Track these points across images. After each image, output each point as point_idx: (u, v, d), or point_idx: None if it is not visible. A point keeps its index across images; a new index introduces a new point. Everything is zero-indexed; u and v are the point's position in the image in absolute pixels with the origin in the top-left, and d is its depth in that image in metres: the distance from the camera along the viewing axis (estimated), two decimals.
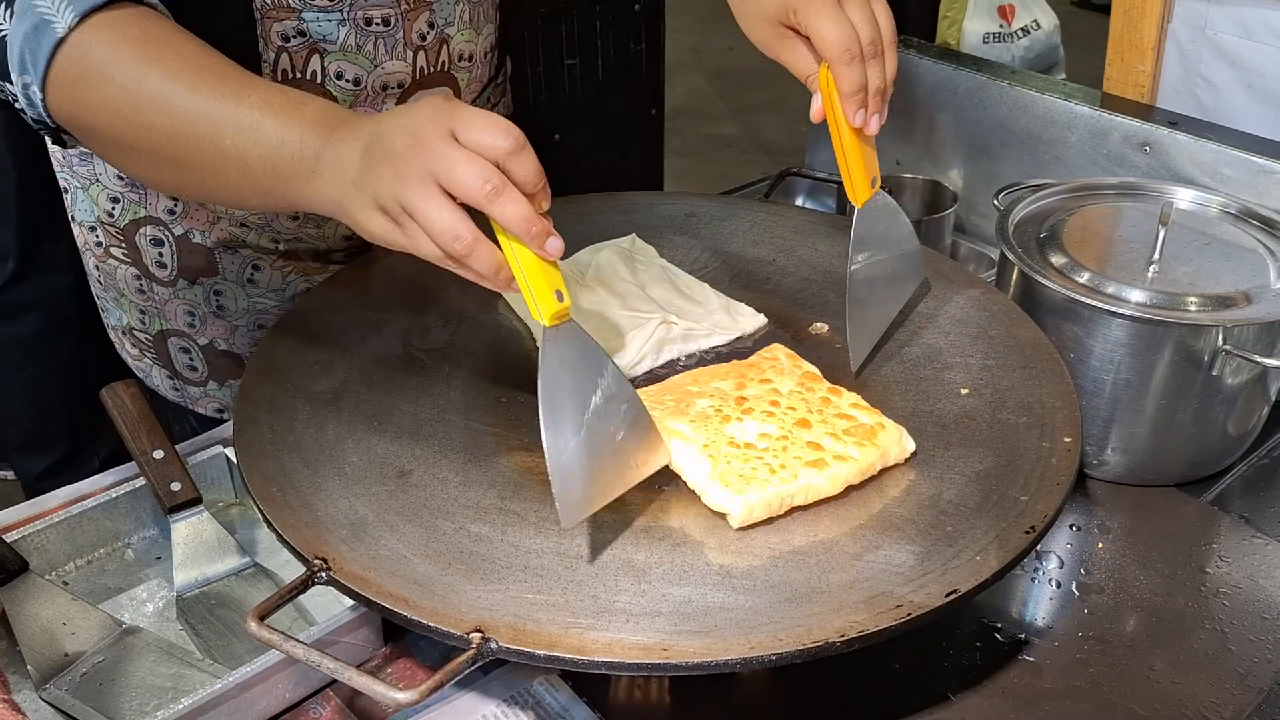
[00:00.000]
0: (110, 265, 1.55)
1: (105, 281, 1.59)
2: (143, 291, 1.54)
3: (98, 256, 1.56)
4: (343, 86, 1.36)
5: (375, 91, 1.38)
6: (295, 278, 1.52)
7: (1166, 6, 1.70)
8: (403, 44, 1.37)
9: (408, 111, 0.96)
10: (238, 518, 1.33)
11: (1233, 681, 1.11)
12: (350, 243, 1.52)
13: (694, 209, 1.59)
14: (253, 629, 0.93)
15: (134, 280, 1.54)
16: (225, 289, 1.52)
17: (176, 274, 1.51)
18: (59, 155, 1.53)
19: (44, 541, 1.23)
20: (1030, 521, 1.06)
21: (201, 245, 1.48)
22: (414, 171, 0.93)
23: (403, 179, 0.93)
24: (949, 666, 1.13)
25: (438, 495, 1.11)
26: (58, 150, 1.52)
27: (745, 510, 1.06)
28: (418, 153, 0.93)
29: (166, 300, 1.54)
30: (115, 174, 1.45)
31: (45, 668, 1.12)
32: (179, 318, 1.55)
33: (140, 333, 1.60)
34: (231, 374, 1.57)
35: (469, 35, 1.44)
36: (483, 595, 0.98)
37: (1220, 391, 1.29)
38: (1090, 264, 1.33)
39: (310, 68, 1.34)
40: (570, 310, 1.02)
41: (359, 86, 1.37)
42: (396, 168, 0.93)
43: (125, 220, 1.49)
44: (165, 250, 1.49)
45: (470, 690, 1.09)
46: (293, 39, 1.32)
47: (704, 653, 0.93)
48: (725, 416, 1.16)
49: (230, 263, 1.49)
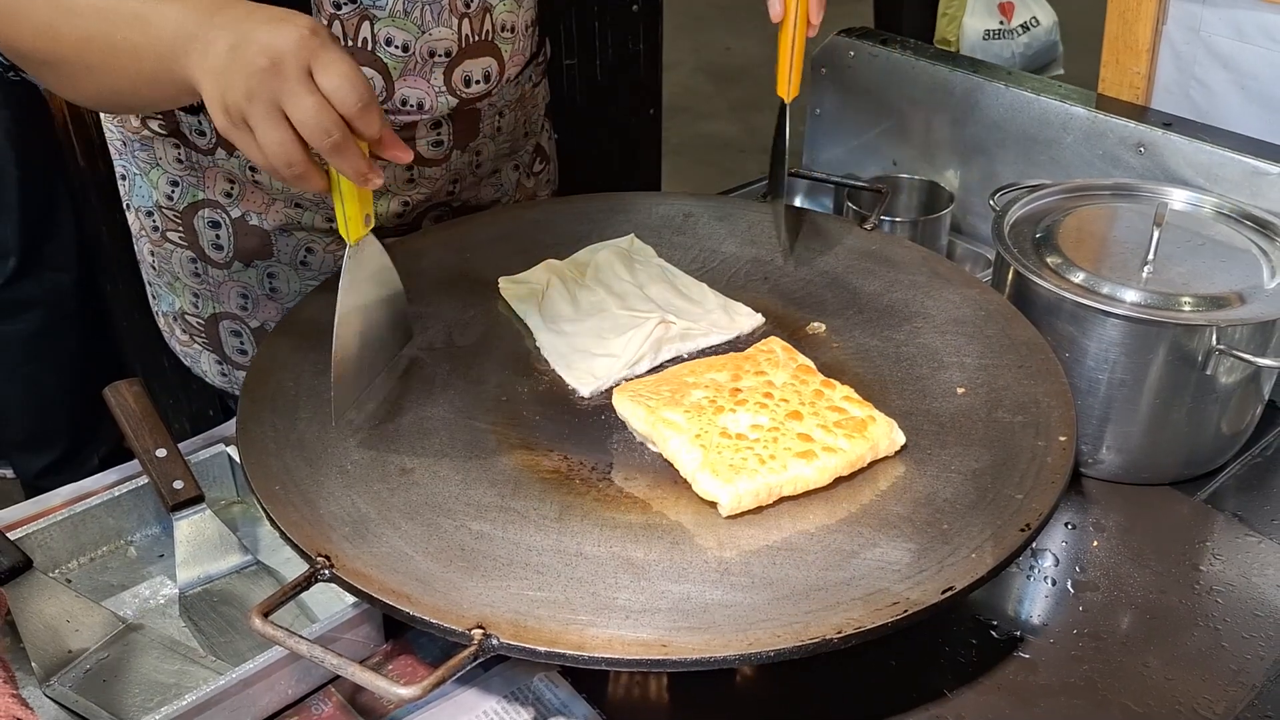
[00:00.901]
0: (166, 249, 1.59)
1: (159, 266, 1.62)
2: (197, 275, 1.58)
3: (153, 241, 1.60)
4: (392, 53, 1.39)
5: (423, 58, 1.41)
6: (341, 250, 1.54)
7: (1161, 9, 1.71)
8: (448, 11, 1.40)
9: (276, 26, 0.98)
10: (240, 516, 1.34)
11: (1226, 678, 1.12)
12: (400, 220, 1.56)
13: (692, 209, 1.60)
14: (256, 625, 0.94)
15: (189, 264, 1.58)
16: (279, 271, 1.56)
17: (232, 256, 1.55)
18: (118, 144, 1.57)
19: (47, 539, 1.24)
20: (1025, 519, 1.07)
21: (258, 228, 1.52)
22: (263, 95, 0.97)
23: (251, 97, 0.97)
24: (945, 663, 1.14)
25: (439, 493, 1.12)
26: (116, 139, 1.57)
27: (734, 499, 1.08)
28: (272, 79, 0.97)
29: (221, 283, 1.58)
30: (175, 158, 1.49)
31: (49, 664, 1.13)
32: (232, 300, 1.59)
33: (192, 317, 1.63)
34: None
35: (510, 6, 1.47)
36: (484, 592, 0.99)
37: (1214, 391, 1.30)
38: (1085, 264, 1.34)
39: (361, 34, 1.37)
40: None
41: (407, 52, 1.40)
42: (249, 83, 0.97)
43: (184, 203, 1.53)
44: (222, 233, 1.53)
45: (471, 687, 1.10)
46: (344, 6, 1.35)
47: (703, 649, 0.94)
48: (719, 407, 1.18)
49: (285, 245, 1.53)
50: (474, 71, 1.45)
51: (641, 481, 1.15)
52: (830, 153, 2.00)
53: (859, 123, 1.93)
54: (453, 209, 1.61)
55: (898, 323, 1.36)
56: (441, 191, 1.57)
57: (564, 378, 1.29)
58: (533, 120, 1.67)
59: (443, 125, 1.48)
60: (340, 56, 0.98)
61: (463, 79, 1.44)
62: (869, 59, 1.88)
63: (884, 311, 1.38)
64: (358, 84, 0.98)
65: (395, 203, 1.53)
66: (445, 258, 1.48)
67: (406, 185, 1.51)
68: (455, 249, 1.50)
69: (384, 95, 1.41)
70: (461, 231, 1.54)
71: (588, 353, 1.31)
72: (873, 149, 1.84)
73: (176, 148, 1.49)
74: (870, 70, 1.88)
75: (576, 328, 1.35)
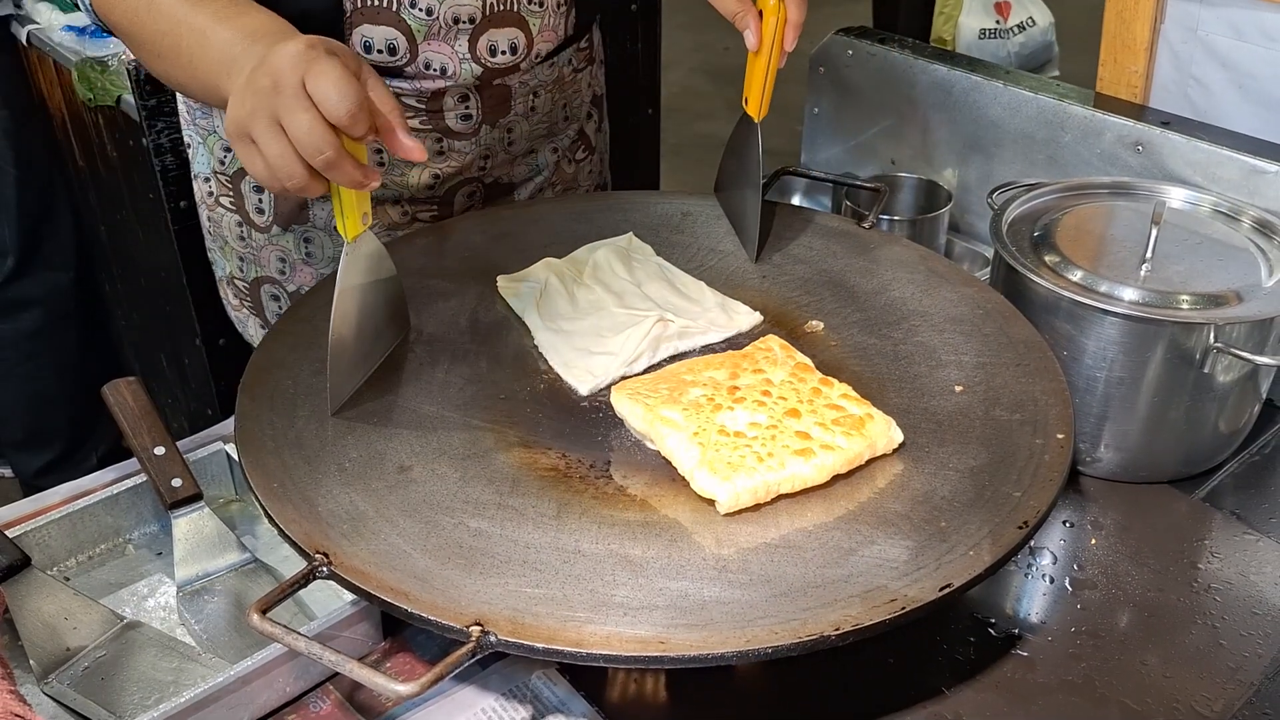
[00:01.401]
0: (219, 214, 1.68)
1: (214, 231, 1.71)
2: (243, 239, 1.66)
3: (209, 206, 1.69)
4: (416, 15, 1.43)
5: (447, 24, 1.44)
6: (379, 229, 1.58)
7: (1159, 8, 1.71)
8: None
9: (281, 46, 1.04)
10: (238, 514, 1.34)
11: (1224, 676, 1.12)
12: (431, 191, 1.59)
13: (690, 208, 1.60)
14: (255, 622, 0.94)
15: (236, 227, 1.66)
16: (314, 236, 1.62)
17: (272, 220, 1.62)
18: (185, 113, 1.66)
19: (45, 537, 1.24)
20: (1023, 517, 1.07)
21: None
22: (264, 113, 1.02)
23: (253, 116, 1.03)
24: (943, 661, 1.14)
25: (437, 491, 1.12)
26: (184, 108, 1.66)
27: (732, 497, 1.08)
28: (272, 97, 1.02)
29: (262, 246, 1.65)
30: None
31: (47, 661, 1.13)
32: (272, 264, 1.66)
33: (239, 280, 1.72)
34: None
35: None
36: (482, 589, 0.99)
37: (1212, 389, 1.30)
38: (1083, 262, 1.34)
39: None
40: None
41: (431, 16, 1.43)
42: (255, 102, 1.03)
43: (234, 168, 1.61)
44: (264, 196, 1.61)
45: (469, 684, 1.10)
46: None
47: (700, 645, 0.94)
48: (717, 405, 1.18)
49: (320, 210, 1.60)
50: (499, 41, 1.48)
51: (639, 479, 1.15)
52: (828, 152, 2.00)
53: (857, 122, 1.93)
54: (484, 184, 1.64)
55: (896, 321, 1.36)
56: (472, 166, 1.59)
57: (562, 376, 1.29)
58: (574, 105, 1.70)
59: (471, 98, 1.52)
60: (330, 66, 1.01)
61: (488, 48, 1.48)
62: (866, 58, 1.88)
63: (882, 310, 1.38)
64: (345, 90, 1.00)
65: (426, 174, 1.56)
66: (443, 256, 1.48)
67: (436, 157, 1.56)
68: (453, 247, 1.50)
69: (407, 57, 1.45)
70: (459, 230, 1.54)
71: (586, 351, 1.31)
72: (870, 148, 1.84)
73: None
74: (868, 69, 1.88)
75: (575, 326, 1.35)
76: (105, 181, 2.67)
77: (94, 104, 2.43)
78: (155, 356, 2.84)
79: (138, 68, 2.15)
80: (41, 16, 2.66)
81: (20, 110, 2.69)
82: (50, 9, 2.66)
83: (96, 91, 2.40)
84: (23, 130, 2.69)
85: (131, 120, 2.31)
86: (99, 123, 2.54)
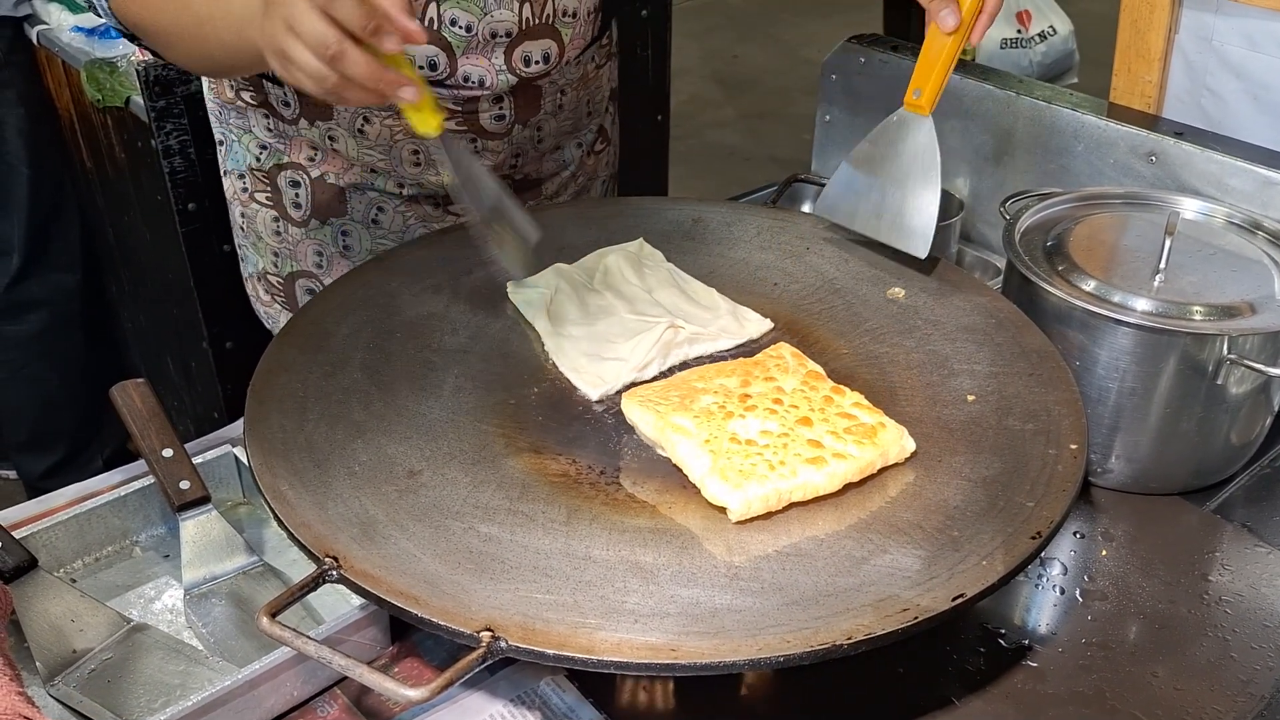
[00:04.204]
0: (253, 210, 1.69)
1: (247, 227, 1.72)
2: (278, 233, 1.68)
3: (242, 202, 1.71)
4: (455, 32, 1.47)
5: (485, 39, 1.48)
6: (415, 223, 1.64)
7: (1173, 18, 1.71)
8: None
9: None
10: (245, 517, 1.33)
11: (1235, 688, 1.11)
12: None
13: (701, 214, 1.60)
14: (264, 625, 0.94)
15: (272, 222, 1.68)
16: (352, 229, 1.64)
17: (310, 213, 1.64)
18: (216, 112, 1.68)
19: (52, 538, 1.24)
20: (1036, 527, 1.07)
21: (334, 185, 1.60)
22: (282, 26, 1.08)
23: (275, 33, 1.09)
24: (953, 671, 1.14)
25: (447, 496, 1.11)
26: (215, 108, 1.68)
27: (743, 505, 1.08)
28: (287, 9, 1.08)
29: (299, 241, 1.67)
30: (264, 126, 1.61)
31: (53, 664, 1.13)
32: (308, 258, 1.68)
33: (273, 276, 1.73)
34: None
35: None
36: (492, 594, 0.99)
37: (1224, 401, 1.30)
38: (1096, 272, 1.34)
39: (428, 14, 1.45)
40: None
41: (470, 32, 1.47)
42: (274, 23, 1.09)
43: (270, 164, 1.64)
44: (301, 191, 1.63)
45: (478, 690, 1.10)
46: None
47: (712, 653, 0.93)
48: (729, 413, 1.18)
49: (358, 203, 1.62)
50: (534, 52, 1.52)
51: (650, 486, 1.15)
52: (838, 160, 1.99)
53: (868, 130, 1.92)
54: (514, 181, 1.67)
55: (908, 330, 1.36)
56: (504, 164, 1.63)
57: (572, 381, 1.29)
58: (596, 100, 1.73)
59: (504, 100, 1.56)
60: None
61: (522, 59, 1.51)
62: (879, 66, 1.88)
63: (894, 318, 1.38)
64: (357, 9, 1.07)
65: None
66: (453, 262, 1.47)
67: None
68: (464, 253, 1.49)
69: (447, 72, 1.49)
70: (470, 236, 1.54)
71: (596, 357, 1.31)
72: None
73: (266, 117, 1.60)
74: (880, 77, 1.88)
75: (585, 332, 1.35)
76: (113, 183, 2.67)
77: (102, 105, 2.43)
78: (161, 359, 2.84)
79: (147, 69, 2.15)
80: (51, 17, 2.66)
81: (34, 110, 2.70)
82: (59, 9, 2.66)
83: (105, 92, 2.40)
84: (36, 130, 2.70)
85: (140, 121, 2.31)
86: (107, 124, 2.54)
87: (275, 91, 1.56)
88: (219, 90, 1.63)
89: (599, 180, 1.83)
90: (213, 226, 2.30)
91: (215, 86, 1.63)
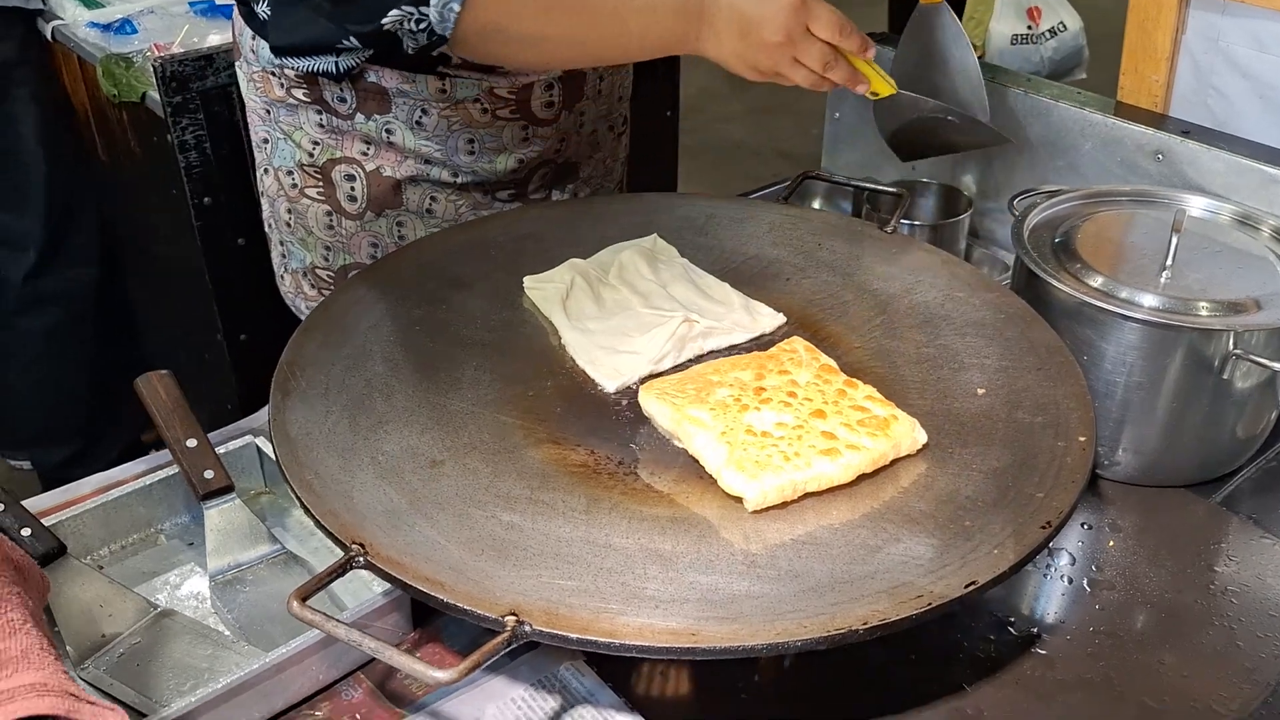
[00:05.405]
0: (303, 205, 1.71)
1: (294, 223, 1.74)
2: (331, 227, 1.70)
3: (291, 198, 1.72)
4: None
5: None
6: (466, 211, 1.68)
7: (1180, 18, 1.72)
8: None
9: (773, 10, 1.38)
10: (267, 506, 1.36)
11: (1240, 676, 1.14)
12: (515, 175, 1.68)
13: (714, 210, 1.62)
14: (295, 610, 0.96)
15: (324, 217, 1.70)
16: (407, 220, 1.68)
17: (365, 206, 1.67)
18: (261, 111, 1.69)
19: (80, 526, 1.26)
20: (1046, 517, 1.09)
21: (390, 177, 1.64)
22: (785, 56, 1.41)
23: (776, 62, 1.41)
24: (964, 658, 1.16)
25: (469, 485, 1.14)
26: (259, 107, 1.69)
27: (759, 495, 1.10)
28: (789, 48, 1.40)
29: (353, 234, 1.70)
30: (316, 123, 1.64)
31: (83, 648, 1.15)
32: (363, 250, 1.71)
33: (323, 270, 1.75)
34: None
35: None
36: (516, 580, 1.01)
37: (1230, 395, 1.32)
38: (1104, 269, 1.36)
39: None
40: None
41: None
42: (773, 54, 1.40)
43: (324, 159, 1.66)
44: (357, 185, 1.66)
45: (499, 675, 1.12)
46: None
47: (731, 638, 0.96)
48: (744, 405, 1.20)
49: (413, 194, 1.66)
50: None
51: (667, 477, 1.17)
52: (848, 157, 2.02)
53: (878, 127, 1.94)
54: (557, 165, 1.73)
55: (919, 324, 1.38)
56: (550, 150, 1.69)
57: (589, 374, 1.31)
58: (624, 85, 1.79)
59: (554, 87, 1.63)
60: (825, 9, 1.39)
61: None
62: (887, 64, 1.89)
63: (904, 313, 1.40)
64: (839, 23, 1.40)
65: (512, 160, 1.66)
66: (470, 256, 1.50)
67: (522, 144, 1.66)
68: (480, 248, 1.52)
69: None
70: (486, 231, 1.56)
71: (612, 350, 1.33)
72: (890, 154, 1.85)
73: (319, 114, 1.62)
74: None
75: (601, 325, 1.37)
76: (128, 177, 2.69)
77: (118, 100, 2.45)
78: (174, 352, 2.85)
79: (163, 64, 2.17)
80: (66, 12, 2.67)
81: (49, 106, 2.71)
82: (75, 4, 2.68)
83: (121, 87, 2.41)
84: (51, 126, 2.71)
85: (156, 117, 2.33)
86: (123, 119, 2.56)
87: (332, 88, 1.59)
88: (266, 89, 1.65)
89: (619, 162, 1.88)
90: (228, 220, 2.33)
91: (261, 85, 1.65)
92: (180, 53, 2.23)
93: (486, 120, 1.60)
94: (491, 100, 1.59)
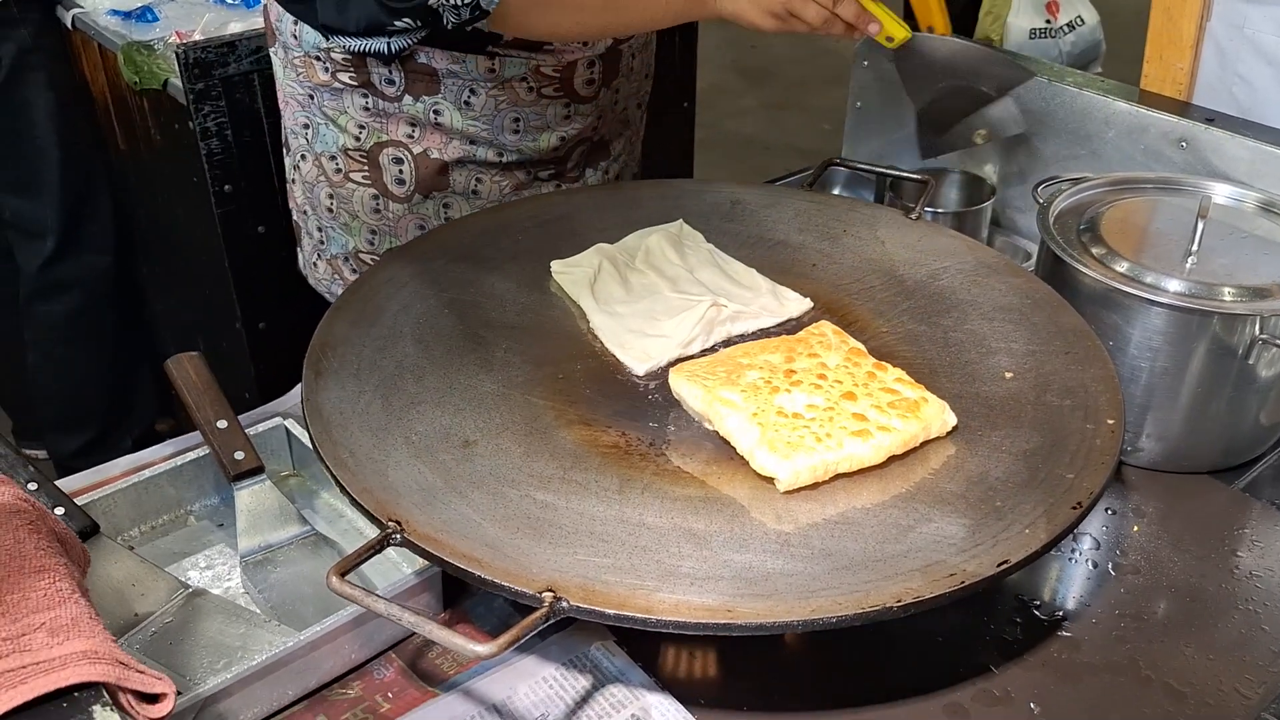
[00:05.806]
0: (348, 190, 1.73)
1: (337, 208, 1.76)
2: (378, 211, 1.73)
3: (334, 183, 1.74)
4: None
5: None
6: (510, 191, 1.72)
7: (1205, 5, 1.72)
8: None
9: None
10: (296, 488, 1.37)
11: (1266, 659, 1.14)
12: (556, 152, 1.73)
13: (739, 197, 1.63)
14: (334, 585, 0.97)
15: (370, 201, 1.72)
16: (453, 201, 1.71)
17: (414, 189, 1.70)
18: (301, 98, 1.71)
19: (111, 506, 1.27)
20: (1077, 498, 1.09)
21: (439, 160, 1.67)
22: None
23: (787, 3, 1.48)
24: (990, 640, 1.16)
25: (502, 465, 1.14)
26: (300, 93, 1.71)
27: (792, 475, 1.11)
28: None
29: (400, 217, 1.72)
30: (361, 106, 1.66)
31: (116, 626, 1.16)
32: (409, 233, 1.73)
33: (366, 254, 1.78)
34: None
35: None
36: (551, 558, 1.02)
37: (1254, 381, 1.32)
38: (1129, 254, 1.36)
39: None
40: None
41: None
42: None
43: (370, 143, 1.68)
44: (405, 168, 1.68)
45: (531, 654, 1.13)
46: None
47: (767, 614, 0.96)
48: (774, 388, 1.20)
49: (459, 176, 1.69)
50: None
51: (698, 458, 1.17)
52: (870, 145, 2.02)
53: (899, 115, 1.95)
54: (593, 142, 1.78)
55: (945, 309, 1.39)
56: (589, 128, 1.74)
57: (618, 357, 1.31)
58: (648, 63, 1.83)
59: (595, 65, 1.68)
60: None
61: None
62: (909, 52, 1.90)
63: (931, 298, 1.41)
64: None
65: (554, 138, 1.70)
66: (499, 241, 1.50)
67: (564, 122, 1.70)
68: (509, 233, 1.52)
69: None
70: (514, 216, 1.57)
71: (641, 333, 1.34)
72: (912, 142, 1.85)
73: (364, 97, 1.64)
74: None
75: (629, 309, 1.37)
76: (147, 165, 2.70)
77: (140, 87, 2.45)
78: (191, 339, 2.86)
79: (185, 51, 2.17)
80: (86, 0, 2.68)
81: (65, 93, 2.72)
82: None
83: (143, 75, 2.42)
84: (67, 113, 2.72)
85: (178, 104, 2.33)
86: (144, 106, 2.56)
87: (379, 71, 1.60)
88: (309, 74, 1.66)
89: (640, 140, 1.92)
90: (249, 208, 2.33)
91: (304, 70, 1.66)
92: (203, 39, 2.24)
93: (532, 99, 1.63)
94: (537, 79, 1.62)
